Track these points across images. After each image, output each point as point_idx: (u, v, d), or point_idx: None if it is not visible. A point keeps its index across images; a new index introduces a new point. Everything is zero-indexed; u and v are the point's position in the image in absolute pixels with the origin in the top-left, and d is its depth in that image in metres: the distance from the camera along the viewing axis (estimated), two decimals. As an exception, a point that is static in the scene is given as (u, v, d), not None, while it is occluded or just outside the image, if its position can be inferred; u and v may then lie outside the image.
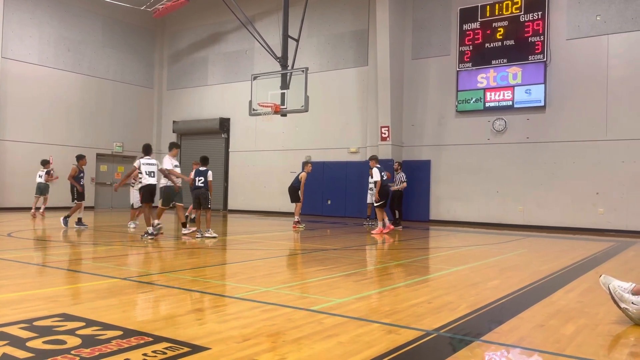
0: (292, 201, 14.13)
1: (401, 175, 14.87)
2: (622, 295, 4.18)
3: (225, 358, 3.07)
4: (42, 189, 16.12)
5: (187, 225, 11.27)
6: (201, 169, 10.74)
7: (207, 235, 10.41)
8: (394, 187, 14.57)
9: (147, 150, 10.49)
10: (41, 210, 16.11)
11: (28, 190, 19.53)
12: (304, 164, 14.48)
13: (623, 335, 3.86)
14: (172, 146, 11.36)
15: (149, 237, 9.84)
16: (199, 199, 10.61)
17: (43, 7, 20.25)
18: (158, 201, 11.19)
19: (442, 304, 4.74)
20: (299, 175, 14.07)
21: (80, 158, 12.81)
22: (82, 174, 12.61)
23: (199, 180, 10.64)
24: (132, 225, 12.35)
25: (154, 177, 10.26)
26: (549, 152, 15.77)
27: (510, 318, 4.30)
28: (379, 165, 12.96)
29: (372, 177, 13.04)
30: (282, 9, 15.72)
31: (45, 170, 16.21)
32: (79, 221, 12.39)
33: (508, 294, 5.32)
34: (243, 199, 21.73)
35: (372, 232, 12.76)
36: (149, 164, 10.24)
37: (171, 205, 11.18)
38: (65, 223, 12.13)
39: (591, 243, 11.59)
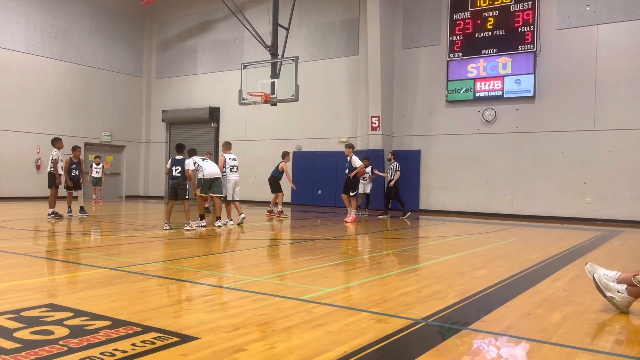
0: (273, 191, 14.09)
1: (394, 165, 14.85)
2: (608, 284, 4.23)
3: (215, 348, 3.07)
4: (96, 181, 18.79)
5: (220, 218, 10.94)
6: (177, 157, 10.21)
7: (187, 228, 9.92)
8: (388, 177, 14.65)
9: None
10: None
11: (15, 180, 19.39)
12: (284, 154, 14.40)
13: (608, 323, 3.90)
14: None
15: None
16: (175, 189, 10.13)
17: (29, -7, 19.94)
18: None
19: (430, 293, 4.77)
20: (278, 165, 14.04)
21: (74, 149, 12.84)
22: (74, 165, 12.63)
23: (175, 170, 10.08)
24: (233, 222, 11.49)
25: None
26: (537, 142, 15.87)
27: (497, 307, 4.33)
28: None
29: (354, 165, 12.75)
30: (272, -3, 15.60)
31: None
32: (70, 210, 12.65)
33: (496, 283, 5.36)
34: (233, 188, 21.66)
35: (346, 220, 12.88)
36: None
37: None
38: (83, 211, 12.75)
39: (578, 232, 11.70)
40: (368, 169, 15.30)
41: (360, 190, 15.38)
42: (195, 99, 22.88)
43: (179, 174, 10.10)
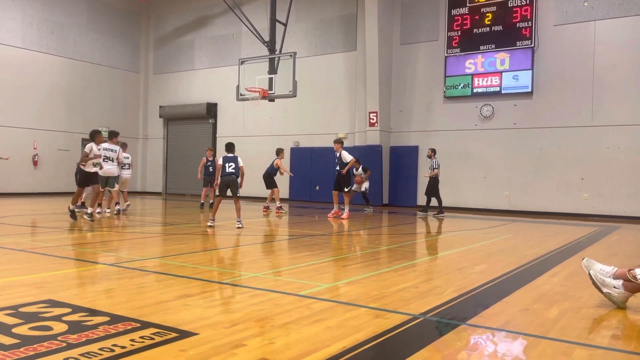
0: (268, 188, 14.01)
1: (433, 162, 14.34)
2: (604, 280, 4.24)
3: (213, 343, 3.08)
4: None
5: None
6: (229, 155, 10.29)
7: (238, 226, 9.86)
8: (427, 175, 14.48)
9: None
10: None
11: (12, 176, 19.33)
12: (278, 151, 14.32)
13: (605, 318, 3.92)
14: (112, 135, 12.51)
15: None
16: (228, 186, 10.12)
17: (25, -12, 19.83)
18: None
19: (429, 289, 4.78)
20: (273, 162, 13.96)
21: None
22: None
23: (229, 167, 10.09)
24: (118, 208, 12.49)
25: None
26: (535, 138, 15.89)
27: (495, 302, 4.35)
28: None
29: (344, 160, 12.57)
30: (270, -7, 15.56)
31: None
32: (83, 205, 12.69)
33: (494, 279, 5.38)
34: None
35: (328, 215, 12.92)
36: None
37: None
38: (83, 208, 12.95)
39: (576, 228, 11.73)
40: (359, 171, 14.90)
41: (357, 188, 15.35)
42: (193, 94, 22.83)
43: (233, 170, 10.10)
